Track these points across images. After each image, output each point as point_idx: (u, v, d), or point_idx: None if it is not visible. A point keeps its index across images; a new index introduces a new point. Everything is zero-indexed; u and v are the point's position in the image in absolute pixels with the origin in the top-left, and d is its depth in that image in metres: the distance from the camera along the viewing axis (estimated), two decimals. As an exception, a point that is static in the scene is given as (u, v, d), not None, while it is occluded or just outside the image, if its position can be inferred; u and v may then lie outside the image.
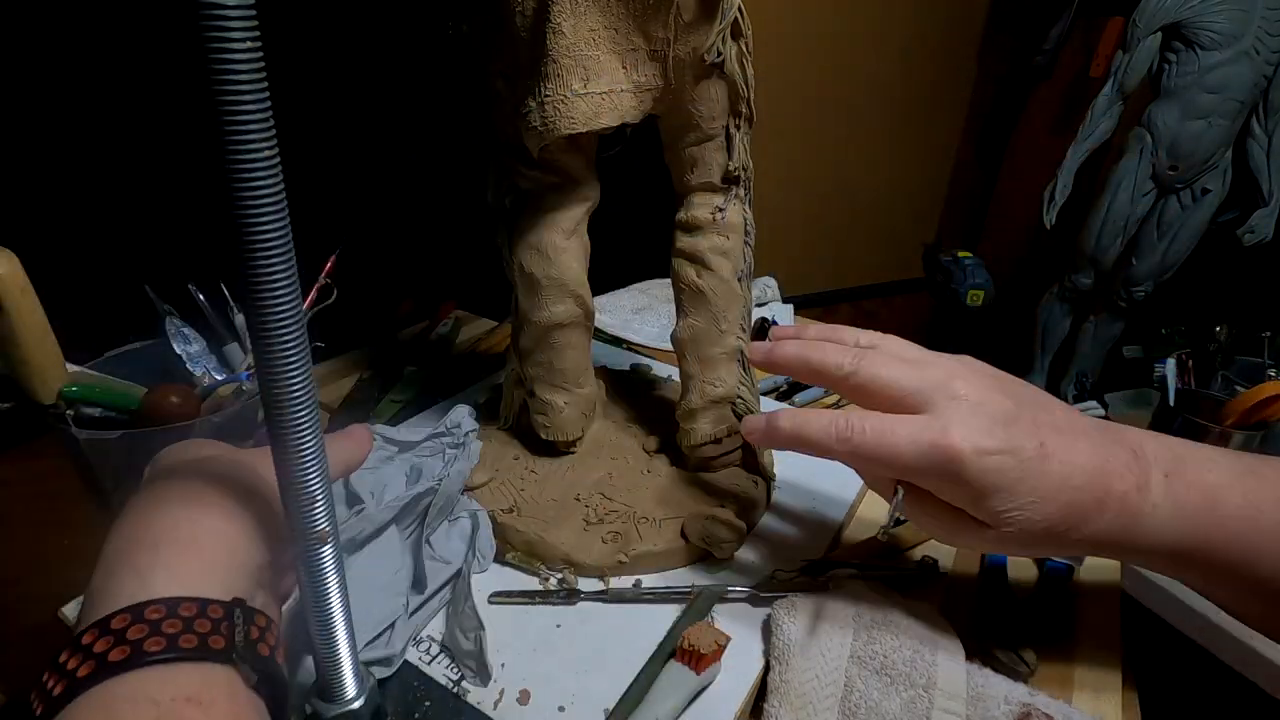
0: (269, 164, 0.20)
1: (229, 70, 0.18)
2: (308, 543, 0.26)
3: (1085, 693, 0.38)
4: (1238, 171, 1.17)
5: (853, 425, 0.32)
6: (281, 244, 0.21)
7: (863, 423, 0.32)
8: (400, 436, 0.46)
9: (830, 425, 0.33)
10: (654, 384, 0.60)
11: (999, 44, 1.69)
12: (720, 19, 0.38)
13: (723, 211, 0.44)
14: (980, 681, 0.35)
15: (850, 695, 0.34)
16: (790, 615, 0.37)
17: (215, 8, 0.17)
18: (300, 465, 0.24)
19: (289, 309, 0.22)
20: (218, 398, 0.47)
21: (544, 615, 0.39)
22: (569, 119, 0.37)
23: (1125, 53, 1.14)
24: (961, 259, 1.34)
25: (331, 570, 0.27)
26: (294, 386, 0.23)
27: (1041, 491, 0.30)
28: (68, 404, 0.42)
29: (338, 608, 0.28)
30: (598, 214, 0.47)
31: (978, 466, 0.30)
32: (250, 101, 0.19)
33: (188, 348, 0.51)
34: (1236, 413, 0.56)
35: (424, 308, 0.80)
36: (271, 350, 0.22)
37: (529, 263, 0.44)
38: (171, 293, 0.52)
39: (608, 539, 0.42)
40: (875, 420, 0.32)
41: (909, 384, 0.33)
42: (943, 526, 0.33)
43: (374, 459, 0.44)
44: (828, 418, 0.33)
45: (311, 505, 0.25)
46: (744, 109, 0.42)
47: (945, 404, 0.31)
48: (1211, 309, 1.16)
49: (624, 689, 0.34)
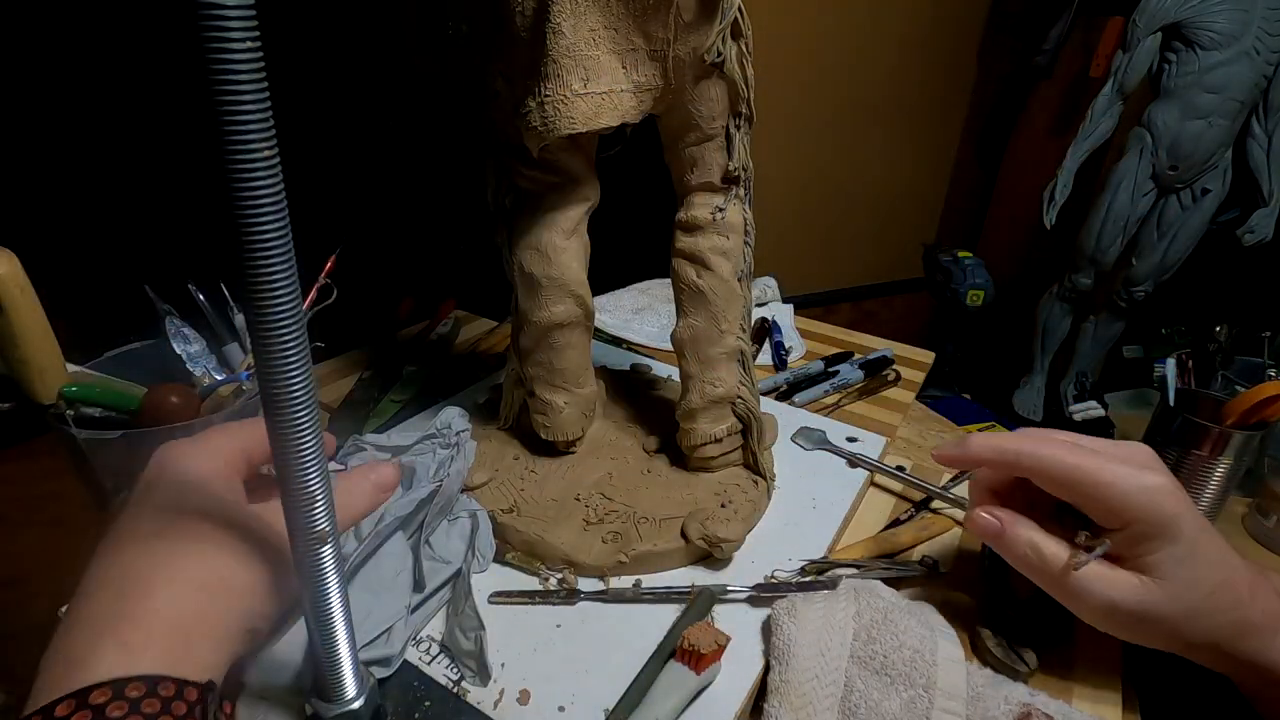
0: (269, 164, 0.20)
1: (229, 70, 0.18)
2: (307, 542, 0.26)
3: (1085, 692, 0.38)
4: (1238, 171, 1.17)
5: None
6: (281, 244, 0.21)
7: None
8: (391, 442, 0.46)
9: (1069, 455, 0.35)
10: (654, 384, 0.60)
11: (999, 44, 1.68)
12: (720, 19, 0.37)
13: (723, 211, 0.44)
14: (980, 681, 0.35)
15: (850, 695, 0.34)
16: (790, 615, 0.37)
17: (215, 7, 0.17)
18: (300, 465, 0.24)
19: (289, 309, 0.22)
20: (218, 398, 0.47)
21: (544, 615, 0.39)
22: (569, 119, 0.37)
23: (1125, 53, 1.14)
24: (961, 259, 1.34)
25: (331, 570, 0.27)
26: (294, 386, 0.23)
27: (1211, 555, 0.34)
28: (68, 404, 0.42)
29: (338, 608, 0.28)
30: (598, 214, 0.47)
31: (1188, 509, 0.33)
32: (250, 102, 0.19)
33: (188, 348, 0.51)
34: (1236, 413, 0.55)
35: (424, 308, 0.80)
36: (271, 350, 0.22)
37: (529, 263, 0.44)
38: (171, 293, 0.52)
39: (608, 539, 0.42)
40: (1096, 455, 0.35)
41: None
42: (1100, 578, 0.35)
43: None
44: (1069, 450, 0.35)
45: (311, 505, 0.25)
46: (744, 109, 0.42)
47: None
48: (1211, 309, 1.16)
49: (624, 689, 0.34)
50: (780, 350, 0.75)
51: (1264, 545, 0.59)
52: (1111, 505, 0.34)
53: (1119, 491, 0.33)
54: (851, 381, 0.69)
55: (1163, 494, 0.33)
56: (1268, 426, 0.56)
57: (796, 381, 0.69)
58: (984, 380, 1.49)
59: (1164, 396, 0.61)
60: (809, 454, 0.55)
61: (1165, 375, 0.63)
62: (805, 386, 0.68)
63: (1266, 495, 0.59)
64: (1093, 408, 0.91)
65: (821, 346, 0.80)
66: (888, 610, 0.37)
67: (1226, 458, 0.55)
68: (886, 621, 0.37)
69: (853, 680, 0.35)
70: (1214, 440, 0.56)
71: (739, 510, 0.45)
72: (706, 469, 0.48)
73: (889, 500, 0.52)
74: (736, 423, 0.47)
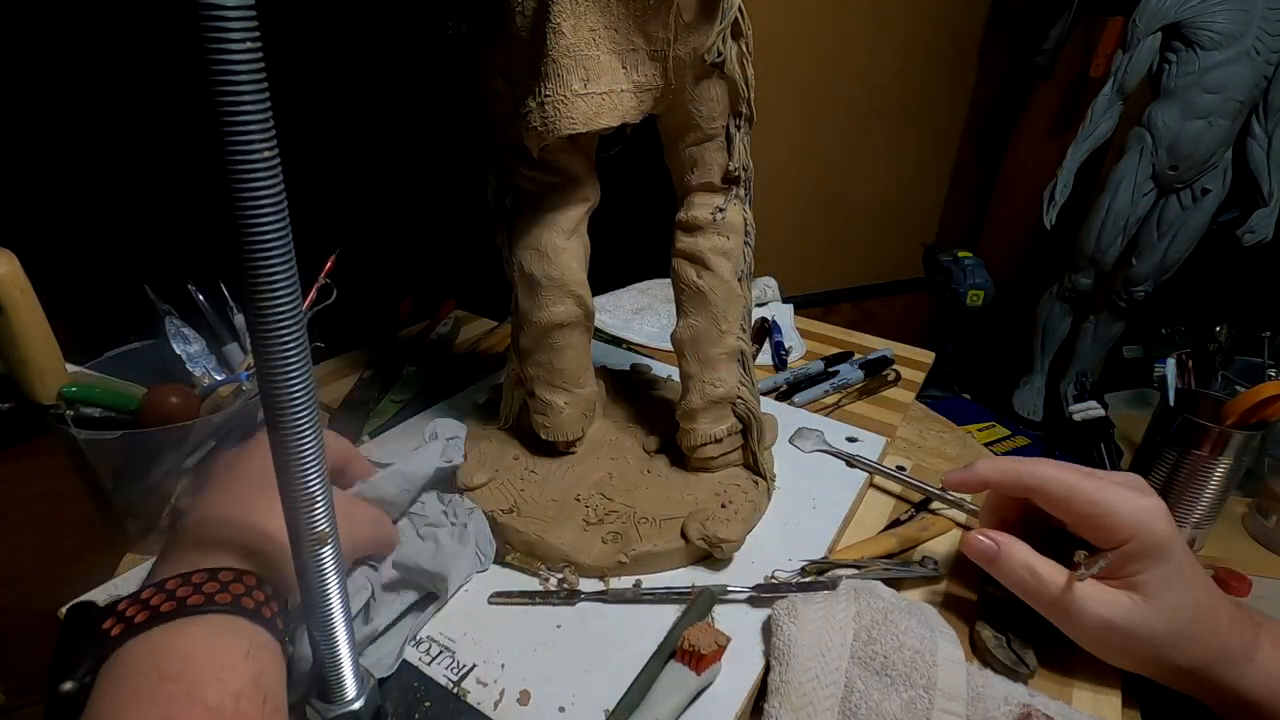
0: (269, 164, 0.20)
1: (229, 71, 0.18)
2: (307, 544, 0.26)
3: (1085, 693, 0.38)
4: (1238, 171, 1.16)
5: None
6: (281, 244, 0.21)
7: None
8: (383, 460, 0.44)
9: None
10: (653, 384, 0.60)
11: (999, 44, 1.68)
12: (720, 19, 0.37)
13: (723, 211, 0.44)
14: (980, 682, 0.35)
15: (850, 696, 0.34)
16: (790, 616, 0.37)
17: (215, 8, 0.17)
18: (300, 465, 0.24)
19: (289, 309, 0.22)
20: (218, 398, 0.47)
21: (544, 616, 0.39)
22: (569, 119, 0.37)
23: (1125, 53, 1.14)
24: (961, 259, 1.33)
25: (332, 571, 0.27)
26: (294, 386, 0.23)
27: (1195, 580, 0.36)
28: (67, 404, 0.42)
29: (338, 608, 0.28)
30: (597, 214, 0.47)
31: (1178, 535, 0.36)
32: (250, 102, 0.19)
33: (187, 348, 0.51)
34: (1236, 413, 0.56)
35: (424, 308, 0.80)
36: (271, 350, 0.22)
37: (529, 263, 0.44)
38: (171, 293, 0.52)
39: (608, 539, 0.42)
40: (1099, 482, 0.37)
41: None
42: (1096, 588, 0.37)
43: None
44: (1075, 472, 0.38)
45: (311, 506, 0.25)
46: (744, 109, 0.42)
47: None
48: (1211, 309, 1.15)
49: (624, 689, 0.34)
50: (780, 350, 0.75)
51: (1264, 545, 0.59)
52: (1109, 523, 0.36)
53: (1117, 510, 0.35)
54: (851, 381, 0.69)
55: (1157, 516, 0.35)
56: (1268, 426, 0.56)
57: (796, 381, 0.69)
58: (984, 380, 1.48)
59: (1164, 396, 0.61)
60: (809, 454, 0.55)
61: (1165, 375, 0.63)
62: (805, 386, 0.68)
63: (1266, 495, 0.59)
64: (1093, 408, 0.91)
65: (821, 346, 0.80)
66: (888, 611, 0.37)
67: (1226, 458, 0.56)
68: (887, 622, 0.37)
69: (853, 681, 0.35)
70: (1214, 440, 0.56)
71: (739, 510, 0.45)
72: (706, 469, 0.48)
73: (889, 501, 0.52)
74: (737, 423, 0.47)
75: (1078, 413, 0.92)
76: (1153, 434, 0.60)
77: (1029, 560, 0.38)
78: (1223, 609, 0.36)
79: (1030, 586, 0.38)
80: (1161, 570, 0.35)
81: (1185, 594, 0.35)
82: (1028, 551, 0.38)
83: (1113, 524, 0.35)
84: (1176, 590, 0.35)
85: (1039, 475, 0.38)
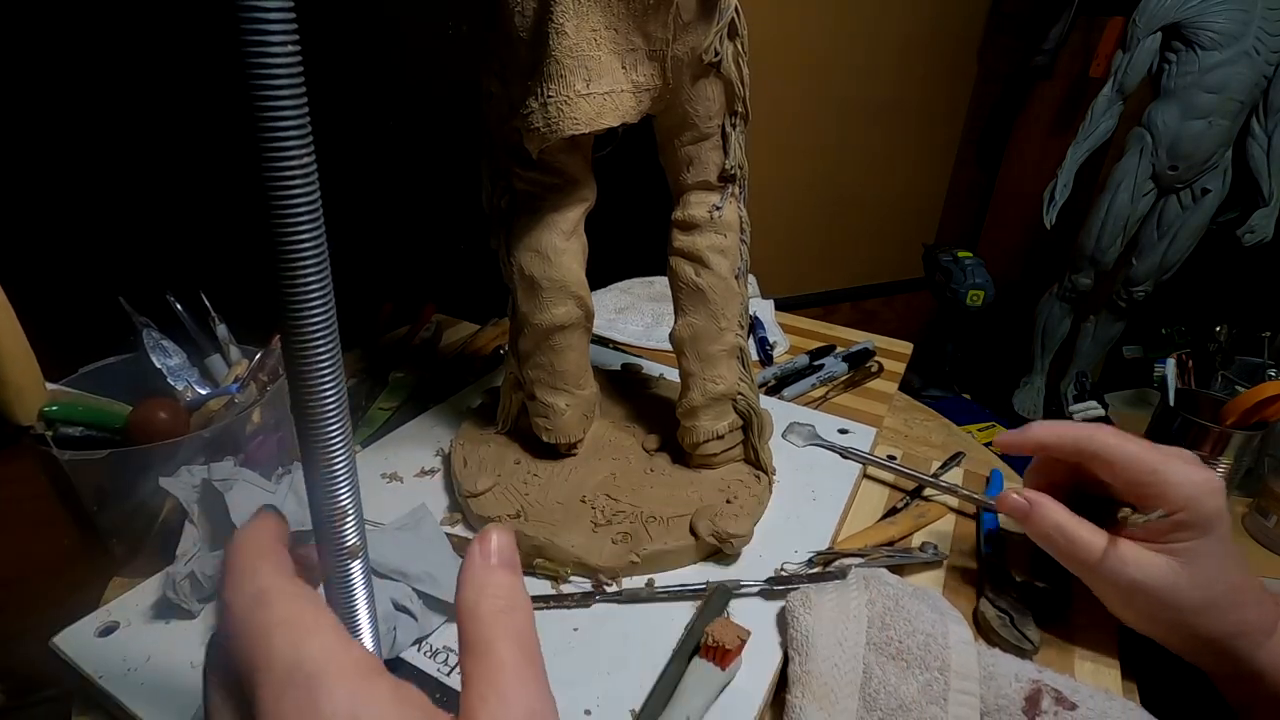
0: (306, 171, 0.19)
1: (268, 75, 0.18)
2: (337, 558, 0.25)
3: (1086, 664, 0.39)
4: (1238, 171, 1.17)
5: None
6: (316, 256, 0.20)
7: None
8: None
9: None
10: (647, 382, 0.60)
11: (999, 44, 1.67)
12: (718, 19, 0.38)
13: (719, 210, 0.44)
14: (990, 661, 0.36)
15: (870, 681, 0.35)
16: (805, 606, 0.37)
17: (256, 10, 0.17)
18: (330, 480, 0.24)
19: (324, 320, 0.21)
20: (207, 411, 0.45)
21: (560, 619, 0.39)
22: (572, 119, 0.37)
23: (1125, 53, 1.14)
24: (961, 259, 1.33)
25: (360, 585, 0.26)
26: (326, 400, 0.22)
27: (1233, 556, 0.37)
28: (47, 424, 0.40)
29: (365, 622, 0.27)
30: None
31: (1226, 512, 0.37)
32: (289, 106, 0.18)
33: (167, 361, 0.49)
34: (1236, 413, 0.56)
35: (403, 312, 0.78)
36: (305, 363, 0.21)
37: (529, 265, 0.44)
38: (147, 304, 0.50)
39: (618, 539, 0.42)
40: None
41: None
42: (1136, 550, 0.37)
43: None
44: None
45: (342, 520, 0.25)
46: (740, 108, 0.42)
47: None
48: (1211, 309, 1.16)
49: (648, 688, 0.34)
50: (765, 345, 0.76)
51: (1264, 545, 0.58)
52: (1164, 492, 0.36)
53: (1176, 481, 0.36)
54: (837, 374, 0.70)
55: (1213, 492, 0.36)
56: (1268, 426, 0.57)
57: (784, 376, 0.70)
58: (984, 380, 1.48)
59: (1164, 396, 0.62)
60: (803, 449, 0.56)
61: (1165, 375, 0.63)
62: (792, 381, 0.69)
63: (1266, 495, 0.58)
64: (1093, 408, 0.92)
65: (802, 340, 0.81)
66: (898, 597, 0.38)
67: (1226, 458, 0.56)
68: (898, 608, 0.37)
69: (870, 667, 0.35)
70: (1214, 440, 0.56)
71: (744, 505, 0.45)
72: (708, 466, 0.49)
73: (883, 490, 0.54)
74: (738, 419, 0.48)
75: (1078, 413, 0.92)
76: (1153, 434, 0.60)
77: (1062, 519, 0.39)
78: (1251, 586, 0.37)
79: (1060, 545, 0.38)
80: (1205, 542, 0.36)
81: (1222, 567, 0.36)
82: (1060, 511, 0.39)
83: (1169, 493, 0.36)
84: (1215, 563, 0.36)
85: (1099, 440, 0.38)
